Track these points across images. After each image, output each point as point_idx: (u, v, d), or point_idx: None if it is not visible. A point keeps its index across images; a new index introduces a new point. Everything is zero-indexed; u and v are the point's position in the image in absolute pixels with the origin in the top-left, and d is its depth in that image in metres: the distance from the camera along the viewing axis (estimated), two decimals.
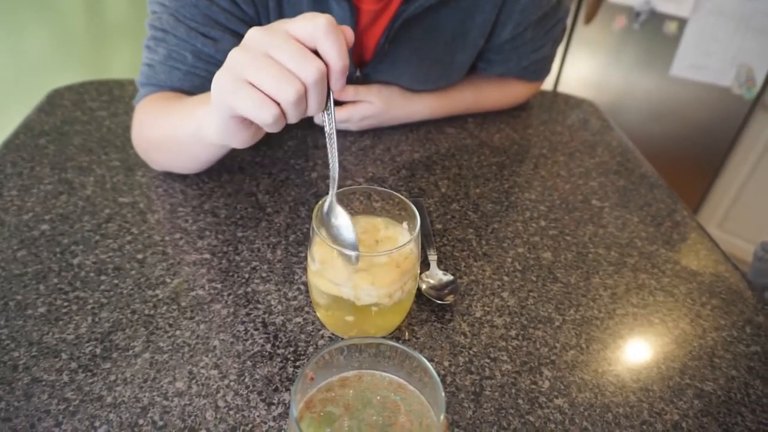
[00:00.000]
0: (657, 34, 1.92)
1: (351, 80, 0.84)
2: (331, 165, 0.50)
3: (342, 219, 0.50)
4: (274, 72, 0.44)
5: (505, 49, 0.88)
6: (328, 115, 0.48)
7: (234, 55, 0.46)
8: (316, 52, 0.45)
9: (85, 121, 0.86)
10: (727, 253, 0.72)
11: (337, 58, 0.45)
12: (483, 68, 0.93)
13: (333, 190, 0.50)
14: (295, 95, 0.44)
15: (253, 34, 0.46)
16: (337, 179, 0.50)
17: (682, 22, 1.85)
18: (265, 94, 0.45)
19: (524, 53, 0.89)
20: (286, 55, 0.44)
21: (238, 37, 0.71)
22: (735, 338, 0.60)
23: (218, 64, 0.70)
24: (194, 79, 0.70)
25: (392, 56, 0.82)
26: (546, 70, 0.97)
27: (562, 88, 2.16)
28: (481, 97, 0.97)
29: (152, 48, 0.70)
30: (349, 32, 0.46)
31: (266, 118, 0.46)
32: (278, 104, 0.46)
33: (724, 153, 2.01)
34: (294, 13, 0.74)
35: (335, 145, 0.49)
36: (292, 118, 0.47)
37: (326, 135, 0.49)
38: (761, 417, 0.51)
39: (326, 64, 0.45)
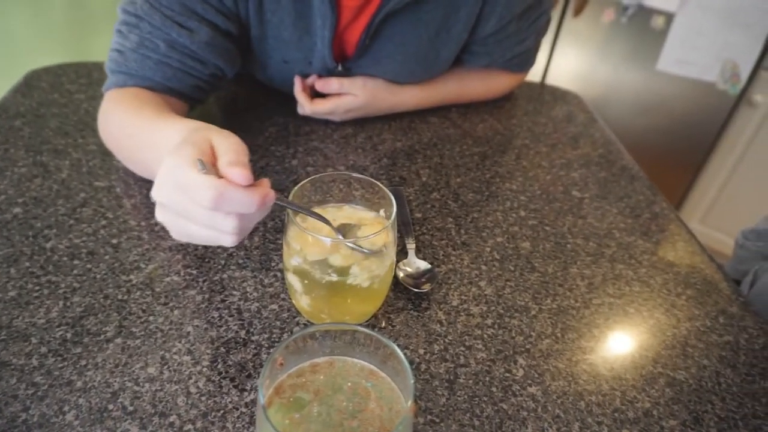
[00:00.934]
0: (644, 28, 1.92)
1: (333, 74, 0.83)
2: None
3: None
4: (202, 235, 0.44)
5: (489, 42, 0.87)
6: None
7: (162, 218, 0.45)
8: None
9: (62, 103, 0.85)
10: (710, 248, 0.73)
11: (247, 210, 0.42)
12: (467, 60, 0.92)
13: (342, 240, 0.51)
14: (233, 241, 0.44)
15: (164, 203, 0.44)
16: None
17: (669, 17, 1.86)
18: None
19: (508, 46, 0.89)
20: (202, 224, 0.43)
21: (216, 30, 0.69)
22: (708, 328, 0.60)
23: (192, 55, 0.69)
24: (166, 70, 0.68)
25: (375, 52, 0.81)
26: (530, 62, 0.97)
27: (550, 82, 2.16)
28: (466, 89, 0.96)
29: (124, 33, 0.67)
30: (239, 176, 0.41)
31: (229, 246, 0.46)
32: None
33: (708, 148, 2.03)
34: (275, 6, 0.73)
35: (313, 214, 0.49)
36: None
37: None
38: (731, 405, 0.52)
39: None
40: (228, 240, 0.44)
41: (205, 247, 0.62)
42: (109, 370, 0.48)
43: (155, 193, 0.44)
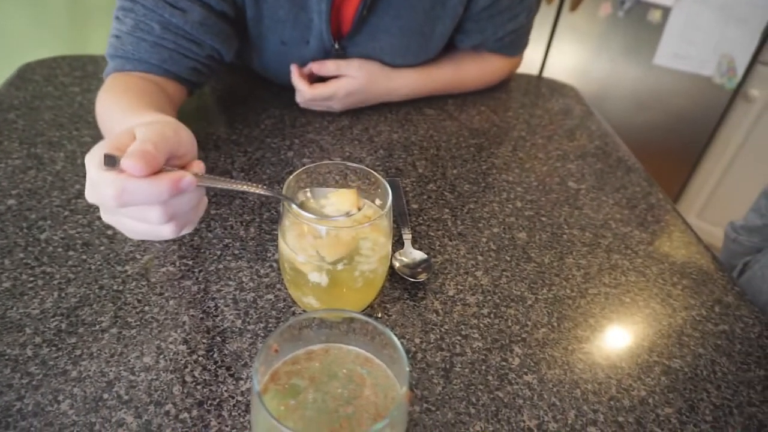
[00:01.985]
0: (641, 22, 1.92)
1: (330, 54, 0.83)
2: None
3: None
4: (140, 230, 0.41)
5: (482, 17, 0.88)
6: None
7: (104, 218, 0.43)
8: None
9: (56, 96, 0.84)
10: (707, 243, 0.72)
11: (157, 200, 0.39)
12: (460, 40, 0.93)
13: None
14: (172, 232, 0.41)
15: (94, 203, 0.42)
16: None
17: (666, 11, 1.86)
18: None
19: (501, 22, 0.90)
20: (131, 219, 0.40)
21: (209, 10, 0.70)
22: (704, 317, 0.60)
23: (186, 36, 0.69)
24: (162, 52, 0.68)
25: (372, 26, 0.81)
26: (522, 44, 0.98)
27: (547, 77, 2.16)
28: (461, 73, 0.96)
29: (120, 19, 0.68)
30: (130, 167, 0.37)
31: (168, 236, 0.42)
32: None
33: (704, 142, 2.03)
34: None
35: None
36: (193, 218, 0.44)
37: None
38: (725, 393, 0.52)
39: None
40: (166, 232, 0.41)
41: (201, 238, 0.62)
42: (104, 360, 0.48)
43: (86, 194, 0.42)
